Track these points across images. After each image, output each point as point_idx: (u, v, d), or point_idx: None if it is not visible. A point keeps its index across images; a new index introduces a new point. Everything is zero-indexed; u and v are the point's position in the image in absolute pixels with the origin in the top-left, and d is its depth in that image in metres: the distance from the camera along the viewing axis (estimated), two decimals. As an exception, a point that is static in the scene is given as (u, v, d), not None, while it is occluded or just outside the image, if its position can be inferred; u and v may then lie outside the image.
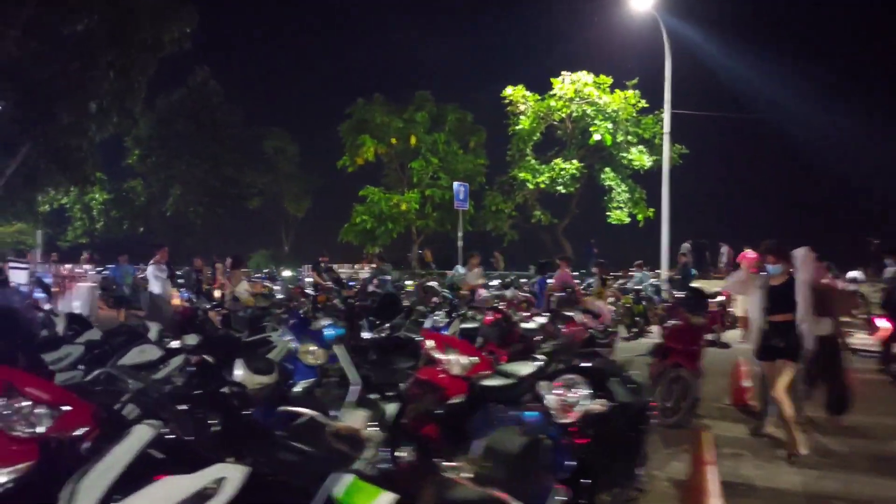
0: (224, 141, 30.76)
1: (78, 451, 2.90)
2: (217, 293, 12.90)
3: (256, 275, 23.88)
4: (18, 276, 14.63)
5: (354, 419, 2.38)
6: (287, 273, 24.12)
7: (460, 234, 22.62)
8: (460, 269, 19.58)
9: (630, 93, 24.15)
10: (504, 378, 5.03)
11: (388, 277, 16.98)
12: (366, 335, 7.33)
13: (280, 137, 31.63)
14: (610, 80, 24.21)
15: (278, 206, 32.74)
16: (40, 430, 2.87)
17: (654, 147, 23.87)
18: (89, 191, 27.83)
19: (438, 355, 4.48)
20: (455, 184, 23.48)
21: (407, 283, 17.88)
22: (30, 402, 2.88)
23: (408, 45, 45.52)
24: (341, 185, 29.31)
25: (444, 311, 8.37)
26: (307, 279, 19.13)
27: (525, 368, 5.38)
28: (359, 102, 27.38)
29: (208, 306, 10.25)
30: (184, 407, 3.20)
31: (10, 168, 12.39)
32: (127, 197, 32.02)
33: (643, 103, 24.24)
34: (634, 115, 24.35)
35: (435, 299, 12.04)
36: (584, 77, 24.04)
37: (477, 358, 4.60)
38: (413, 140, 26.49)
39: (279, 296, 13.76)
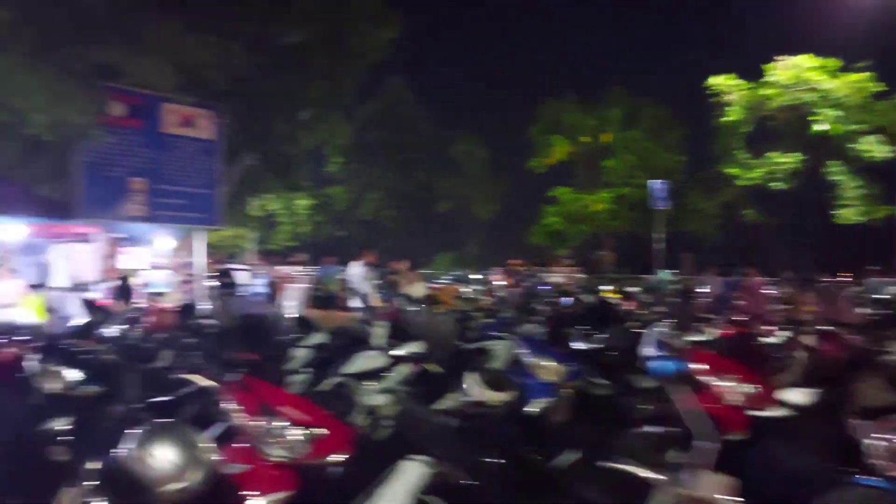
0: (416, 147, 31.67)
1: (337, 482, 2.56)
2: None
3: (446, 278, 24.12)
4: (241, 278, 15.75)
5: (707, 485, 1.78)
6: (476, 276, 24.08)
7: (658, 235, 21.28)
8: (663, 273, 18.32)
9: (860, 76, 21.17)
10: (782, 409, 4.18)
11: (545, 281, 16.33)
12: (577, 345, 6.69)
13: (469, 141, 31.99)
14: (837, 63, 21.35)
15: (467, 210, 33.11)
16: (296, 455, 2.55)
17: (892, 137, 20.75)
18: (296, 196, 29.87)
19: (711, 381, 3.73)
20: (650, 182, 22.18)
21: (602, 288, 16.95)
22: (285, 423, 2.58)
23: (598, 41, 44.23)
24: (531, 186, 28.98)
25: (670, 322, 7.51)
26: (496, 282, 18.88)
27: (801, 397, 4.45)
28: (549, 102, 26.87)
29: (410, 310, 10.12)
30: (441, 431, 2.78)
31: (234, 176, 13.21)
32: (328, 203, 33.93)
33: (875, 86, 21.17)
34: (866, 100, 21.26)
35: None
36: (806, 62, 21.42)
37: (759, 385, 3.80)
38: (606, 138, 25.46)
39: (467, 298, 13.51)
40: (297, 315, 7.55)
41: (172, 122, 11.67)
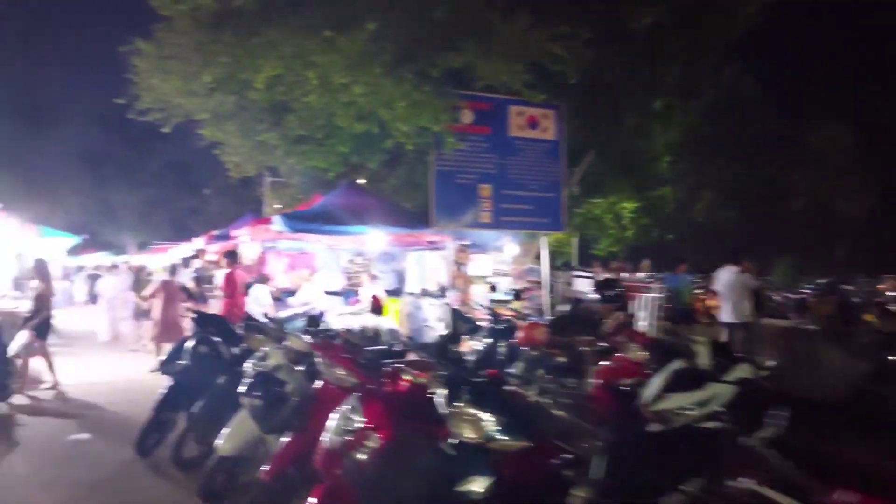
0: (758, 140, 28.03)
1: None
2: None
3: (808, 286, 20.63)
4: (582, 285, 14.95)
5: None
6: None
7: None
8: None
9: None
10: None
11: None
12: None
13: (831, 126, 27.29)
14: None
15: (829, 207, 28.33)
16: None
17: None
18: (621, 199, 28.42)
19: None
20: None
21: None
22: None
23: None
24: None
25: None
26: (889, 293, 15.28)
27: None
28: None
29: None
30: None
31: (574, 176, 12.41)
32: (655, 204, 31.96)
33: None
34: None
35: None
36: None
37: None
38: None
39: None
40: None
41: (518, 124, 11.27)
